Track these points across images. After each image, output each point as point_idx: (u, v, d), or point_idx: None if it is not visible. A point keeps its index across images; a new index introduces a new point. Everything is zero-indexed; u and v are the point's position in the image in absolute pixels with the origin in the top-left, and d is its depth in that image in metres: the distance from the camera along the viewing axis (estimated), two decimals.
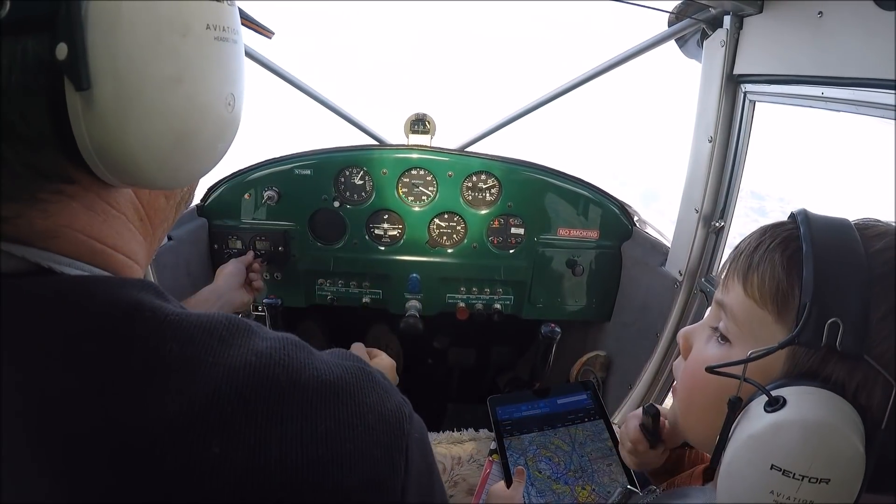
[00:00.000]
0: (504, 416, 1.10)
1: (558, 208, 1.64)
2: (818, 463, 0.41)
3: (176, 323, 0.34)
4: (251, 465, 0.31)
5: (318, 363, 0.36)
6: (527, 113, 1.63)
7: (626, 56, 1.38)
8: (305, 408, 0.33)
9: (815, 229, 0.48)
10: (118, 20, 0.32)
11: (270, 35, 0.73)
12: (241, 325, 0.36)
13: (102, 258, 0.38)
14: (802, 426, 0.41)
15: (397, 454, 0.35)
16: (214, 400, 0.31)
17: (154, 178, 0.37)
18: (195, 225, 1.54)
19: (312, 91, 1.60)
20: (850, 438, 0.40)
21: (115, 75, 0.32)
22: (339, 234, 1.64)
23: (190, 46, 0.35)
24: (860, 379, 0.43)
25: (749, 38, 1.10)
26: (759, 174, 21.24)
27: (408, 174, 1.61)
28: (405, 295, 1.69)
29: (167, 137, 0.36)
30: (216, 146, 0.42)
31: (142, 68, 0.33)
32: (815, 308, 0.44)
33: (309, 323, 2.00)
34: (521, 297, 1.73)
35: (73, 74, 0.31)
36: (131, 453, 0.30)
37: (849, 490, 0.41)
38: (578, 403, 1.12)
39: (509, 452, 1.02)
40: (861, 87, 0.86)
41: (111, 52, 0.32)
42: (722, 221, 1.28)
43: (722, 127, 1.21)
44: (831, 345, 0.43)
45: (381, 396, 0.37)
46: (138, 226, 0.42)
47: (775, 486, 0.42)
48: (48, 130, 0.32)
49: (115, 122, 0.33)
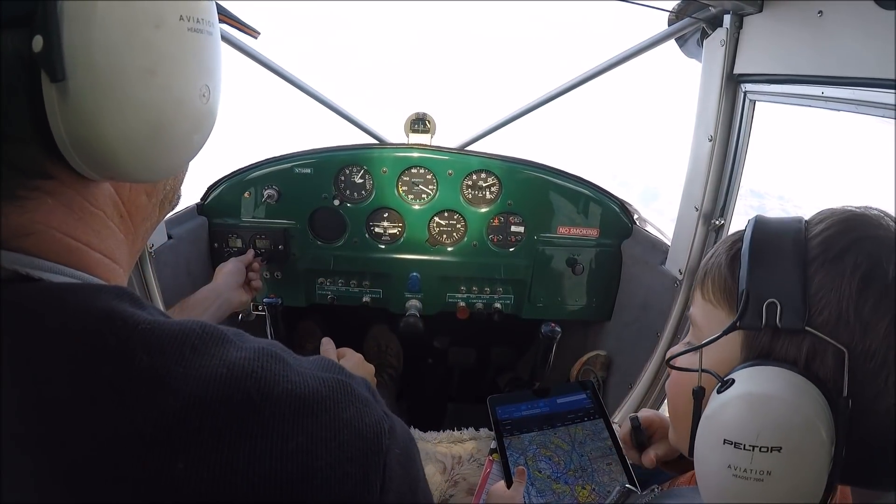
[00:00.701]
0: (504, 415, 1.10)
1: (558, 206, 1.64)
2: (766, 432, 0.43)
3: (148, 332, 0.33)
4: (216, 483, 0.30)
5: (293, 376, 0.35)
6: (527, 112, 1.63)
7: (626, 56, 1.38)
8: (276, 423, 0.32)
9: (757, 229, 0.51)
10: (92, 12, 0.32)
11: (256, 35, 0.72)
12: (215, 334, 0.35)
13: (78, 256, 0.38)
14: (745, 399, 0.44)
15: (372, 472, 0.34)
16: (183, 414, 0.31)
17: (130, 170, 0.37)
18: (195, 224, 1.53)
19: (312, 90, 1.60)
20: (796, 406, 0.42)
21: (89, 66, 0.32)
22: (339, 233, 1.64)
23: (163, 38, 0.35)
24: (808, 350, 0.45)
25: (749, 37, 1.10)
26: (759, 173, 21.42)
27: (408, 173, 1.61)
28: (405, 294, 1.69)
29: (142, 128, 0.36)
30: (192, 138, 0.41)
31: (115, 59, 0.33)
32: (753, 293, 0.48)
33: (309, 323, 2.00)
34: (522, 297, 1.73)
35: (49, 66, 0.31)
36: (95, 466, 0.30)
37: (809, 457, 0.42)
38: (578, 403, 1.12)
39: (509, 452, 1.02)
40: (861, 87, 0.86)
41: (85, 44, 0.32)
42: (722, 220, 1.28)
43: (722, 126, 1.21)
44: (772, 324, 0.46)
45: (359, 411, 0.36)
46: (118, 223, 0.42)
47: (731, 460, 0.44)
48: (27, 126, 0.33)
49: (89, 113, 0.33)
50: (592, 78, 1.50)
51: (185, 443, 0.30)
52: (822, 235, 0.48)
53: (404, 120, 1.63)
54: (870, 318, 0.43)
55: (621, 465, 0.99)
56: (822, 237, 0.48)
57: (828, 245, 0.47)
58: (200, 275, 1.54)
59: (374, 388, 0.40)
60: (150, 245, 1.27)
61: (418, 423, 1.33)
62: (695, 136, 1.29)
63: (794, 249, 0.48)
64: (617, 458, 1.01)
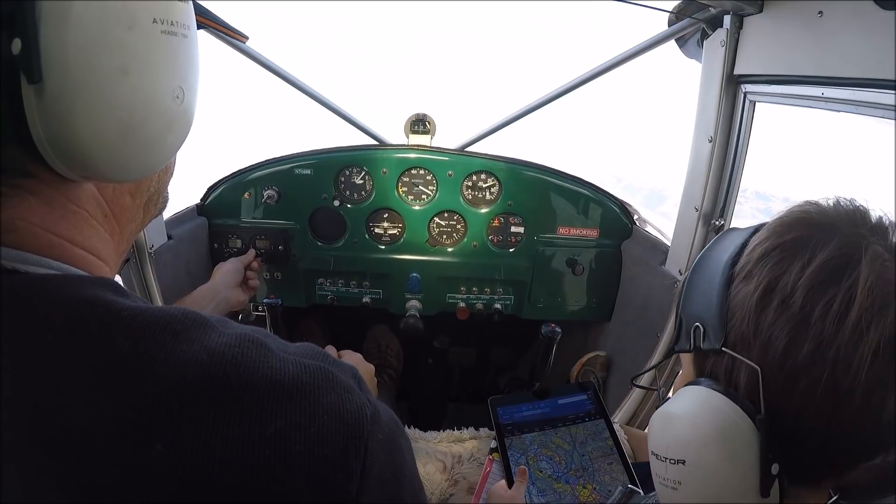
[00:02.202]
0: (505, 416, 1.10)
1: (558, 207, 1.64)
2: (672, 447, 0.46)
3: (130, 318, 0.34)
4: (194, 467, 0.31)
5: (274, 362, 0.35)
6: (527, 113, 1.63)
7: (626, 56, 1.38)
8: (255, 408, 0.33)
9: (702, 255, 0.54)
10: (68, 14, 0.33)
11: (244, 39, 0.72)
12: (197, 319, 0.36)
13: (60, 251, 0.38)
14: (660, 416, 0.49)
15: (352, 456, 0.35)
16: (163, 398, 0.31)
17: (104, 169, 0.38)
18: (195, 224, 1.54)
19: (312, 91, 1.60)
20: (695, 423, 0.45)
21: (64, 67, 0.33)
22: (339, 233, 1.64)
23: (136, 39, 0.36)
24: (727, 369, 0.46)
25: (749, 38, 1.10)
26: (766, 175, 21.26)
27: (408, 173, 1.61)
28: (405, 295, 1.69)
29: (115, 128, 0.37)
30: (165, 138, 0.42)
31: (89, 60, 0.34)
32: (685, 317, 0.52)
33: (309, 323, 2.00)
34: (522, 297, 1.73)
35: (27, 68, 0.32)
36: (80, 451, 0.31)
37: (714, 470, 0.44)
38: (579, 405, 1.12)
39: (511, 452, 1.02)
40: (861, 87, 0.86)
41: (61, 45, 0.33)
42: (722, 220, 1.28)
43: (722, 127, 1.21)
44: (698, 345, 0.49)
45: (340, 397, 0.36)
46: (102, 222, 0.43)
47: (656, 469, 0.49)
48: (7, 125, 0.33)
49: (64, 113, 0.34)
50: (593, 78, 1.50)
51: (165, 426, 0.31)
52: (751, 250, 0.48)
53: (404, 121, 1.63)
54: (769, 334, 0.43)
55: (622, 465, 0.99)
56: (749, 252, 0.48)
57: (748, 259, 0.47)
58: (200, 275, 1.54)
59: (360, 377, 0.40)
60: (150, 245, 1.27)
61: (418, 422, 1.33)
62: (695, 137, 1.29)
63: (725, 270, 0.49)
64: (618, 458, 1.01)
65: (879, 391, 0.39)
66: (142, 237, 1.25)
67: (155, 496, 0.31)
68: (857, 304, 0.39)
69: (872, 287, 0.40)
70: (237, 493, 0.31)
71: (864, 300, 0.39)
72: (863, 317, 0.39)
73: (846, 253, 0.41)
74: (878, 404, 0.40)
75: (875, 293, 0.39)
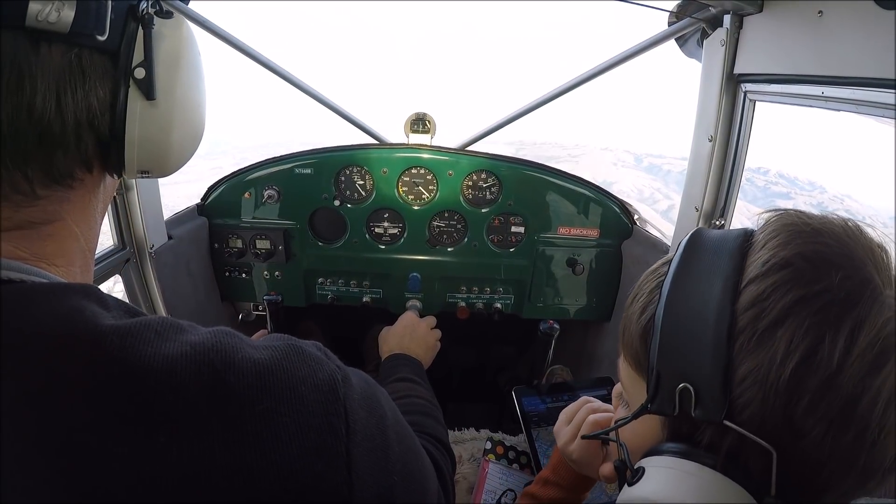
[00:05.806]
0: (530, 406, 1.10)
1: (558, 207, 1.64)
2: None
3: (114, 326, 0.36)
4: (195, 452, 0.33)
5: (248, 349, 0.39)
6: (527, 113, 1.63)
7: (626, 55, 1.38)
8: (242, 389, 0.36)
9: (676, 283, 0.43)
10: (178, 61, 0.47)
11: None
12: (173, 324, 0.39)
13: None
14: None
15: (335, 418, 0.39)
16: (158, 390, 0.34)
17: (169, 165, 0.49)
18: (195, 224, 1.54)
19: (313, 91, 1.60)
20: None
21: (171, 92, 0.46)
22: (340, 233, 1.65)
23: (202, 73, 0.51)
24: (732, 444, 0.38)
25: (749, 37, 1.10)
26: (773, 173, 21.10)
27: (408, 173, 1.61)
28: (405, 294, 1.70)
29: (188, 133, 0.49)
30: (197, 142, 0.54)
31: (185, 90, 0.47)
32: (664, 374, 0.41)
33: (309, 323, 2.00)
34: (522, 297, 1.73)
35: (146, 89, 0.43)
36: (85, 449, 0.32)
37: None
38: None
39: (538, 443, 1.02)
40: (861, 87, 0.86)
41: (171, 78, 0.46)
42: (722, 220, 1.28)
43: (722, 126, 1.21)
44: (687, 411, 0.39)
45: (312, 368, 0.40)
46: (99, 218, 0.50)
47: None
48: (105, 126, 0.42)
49: (164, 122, 0.45)
50: (593, 78, 1.50)
51: (163, 417, 0.34)
52: (756, 286, 0.38)
53: (404, 120, 1.63)
54: (803, 423, 0.36)
55: None
56: (755, 289, 0.38)
57: (761, 307, 0.37)
58: (200, 275, 1.55)
59: (325, 349, 0.45)
60: (150, 245, 1.27)
61: None
62: (695, 136, 1.29)
63: (721, 315, 0.39)
64: None
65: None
66: (142, 237, 1.25)
67: (161, 484, 0.33)
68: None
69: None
70: (238, 474, 0.34)
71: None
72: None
73: (889, 318, 0.36)
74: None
75: None
